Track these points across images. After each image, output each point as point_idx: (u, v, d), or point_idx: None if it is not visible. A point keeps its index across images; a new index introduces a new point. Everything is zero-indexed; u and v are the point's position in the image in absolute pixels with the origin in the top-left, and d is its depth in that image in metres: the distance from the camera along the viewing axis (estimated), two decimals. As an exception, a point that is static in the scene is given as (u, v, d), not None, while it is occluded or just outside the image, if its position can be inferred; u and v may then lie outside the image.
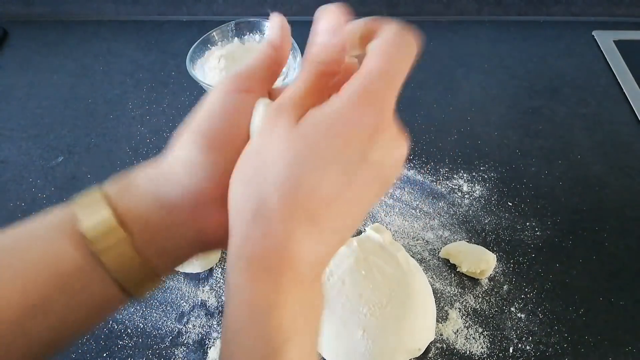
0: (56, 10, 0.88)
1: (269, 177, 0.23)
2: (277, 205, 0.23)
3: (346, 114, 0.23)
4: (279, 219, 0.23)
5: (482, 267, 0.55)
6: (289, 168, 0.23)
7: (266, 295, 0.23)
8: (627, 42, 0.86)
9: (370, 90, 0.24)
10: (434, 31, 0.89)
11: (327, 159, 0.23)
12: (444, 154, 0.69)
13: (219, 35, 0.76)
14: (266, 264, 0.23)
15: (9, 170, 0.66)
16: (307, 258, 0.24)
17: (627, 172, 0.68)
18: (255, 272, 0.24)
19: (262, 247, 0.23)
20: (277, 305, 0.23)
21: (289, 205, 0.23)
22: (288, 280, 0.23)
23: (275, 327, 0.23)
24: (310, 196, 0.23)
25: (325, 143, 0.23)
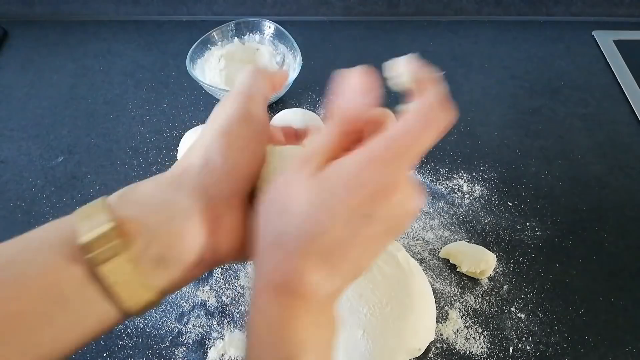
0: (56, 10, 0.88)
1: (289, 217, 0.26)
2: (294, 240, 0.25)
3: (357, 172, 0.25)
4: (294, 252, 0.25)
5: (482, 267, 0.55)
6: (306, 213, 0.25)
7: (281, 313, 0.26)
8: (627, 42, 0.86)
9: (389, 153, 0.25)
10: (434, 31, 0.89)
11: (335, 211, 0.25)
12: (444, 154, 0.69)
13: (219, 35, 0.76)
14: (282, 288, 0.26)
15: (9, 170, 0.66)
16: (317, 292, 0.26)
17: (627, 172, 0.68)
18: (273, 291, 0.26)
19: (280, 272, 0.26)
20: (290, 323, 0.26)
21: (304, 243, 0.25)
22: (299, 307, 0.26)
23: (290, 342, 0.26)
24: (321, 238, 0.25)
25: (335, 197, 0.25)
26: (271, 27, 0.77)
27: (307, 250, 0.25)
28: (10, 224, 0.61)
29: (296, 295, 0.26)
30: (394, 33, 0.88)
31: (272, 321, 0.26)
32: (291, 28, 0.76)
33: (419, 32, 0.89)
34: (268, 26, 0.77)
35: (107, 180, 0.64)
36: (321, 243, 0.25)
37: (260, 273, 0.27)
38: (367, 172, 0.25)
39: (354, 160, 0.26)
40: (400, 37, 0.87)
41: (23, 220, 0.61)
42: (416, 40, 0.87)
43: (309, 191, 0.26)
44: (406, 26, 0.89)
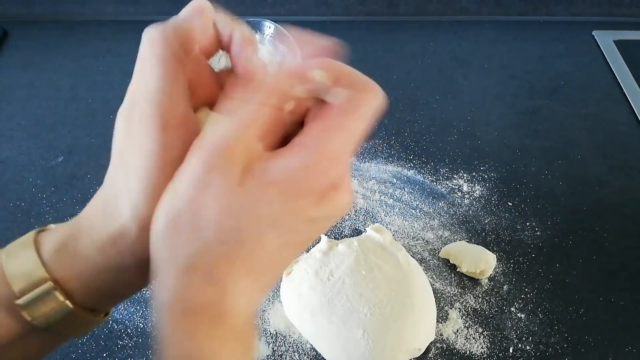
0: (56, 10, 0.88)
1: (209, 229, 0.22)
2: (217, 259, 0.22)
3: (299, 176, 0.22)
4: (219, 272, 0.22)
5: (482, 267, 0.55)
6: (232, 225, 0.22)
7: (203, 346, 0.22)
8: (627, 42, 0.86)
9: (329, 149, 0.22)
10: (434, 31, 0.89)
11: (273, 221, 0.22)
12: (444, 154, 0.69)
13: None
14: (203, 316, 0.22)
15: (9, 170, 0.66)
16: (244, 309, 0.23)
17: (627, 172, 0.68)
18: (192, 323, 0.22)
19: (201, 299, 0.22)
20: (213, 356, 0.22)
21: (230, 261, 0.22)
22: (225, 332, 0.23)
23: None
24: (251, 253, 0.22)
25: (274, 208, 0.22)
26: (271, 27, 0.77)
27: (232, 267, 0.22)
28: (10, 224, 0.61)
29: (220, 319, 0.23)
30: (394, 33, 0.88)
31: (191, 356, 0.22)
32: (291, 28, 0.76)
33: (419, 32, 0.88)
34: (268, 26, 0.77)
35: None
36: (248, 258, 0.22)
37: (170, 301, 0.23)
38: (310, 175, 0.22)
39: (287, 162, 0.22)
40: (400, 37, 0.87)
41: (23, 220, 0.61)
42: (416, 40, 0.87)
43: (232, 203, 0.22)
44: (406, 26, 0.89)
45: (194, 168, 0.22)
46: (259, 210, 0.22)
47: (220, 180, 0.21)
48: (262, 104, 0.23)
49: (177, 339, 0.23)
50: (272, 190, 0.22)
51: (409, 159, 0.68)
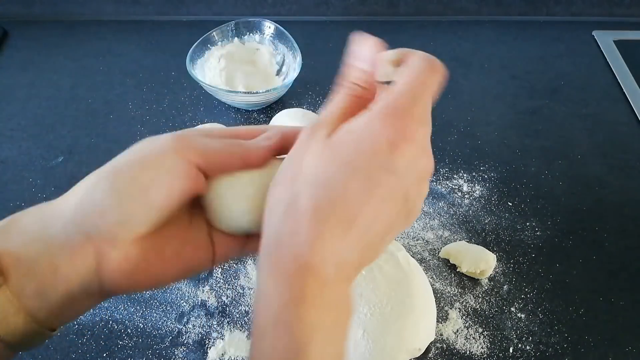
0: (56, 10, 0.88)
1: (303, 180, 0.25)
2: (307, 205, 0.25)
3: (370, 127, 0.26)
4: (307, 216, 0.24)
5: (482, 267, 0.55)
6: (321, 174, 0.25)
7: (291, 294, 0.24)
8: (627, 42, 0.86)
9: (393, 106, 0.26)
10: (434, 31, 0.89)
11: (353, 166, 0.25)
12: (444, 154, 0.69)
13: (219, 35, 0.76)
14: (292, 263, 0.24)
15: (9, 170, 0.66)
16: (332, 259, 0.25)
17: (627, 172, 0.68)
18: (283, 270, 0.25)
19: (290, 244, 0.25)
20: (302, 304, 0.24)
21: (317, 206, 0.25)
22: (313, 281, 0.24)
23: (300, 325, 0.24)
24: (337, 199, 0.25)
25: (352, 152, 0.25)
26: (271, 27, 0.77)
27: (320, 212, 0.24)
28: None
29: (308, 272, 0.24)
30: (394, 33, 0.88)
31: (280, 304, 0.24)
32: (291, 28, 0.76)
33: (419, 32, 0.88)
34: (268, 26, 0.77)
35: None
36: (335, 204, 0.24)
37: (267, 250, 0.26)
38: (379, 126, 0.25)
39: (361, 119, 0.26)
40: (400, 37, 0.87)
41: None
42: (416, 40, 0.87)
43: (322, 153, 0.26)
44: (406, 26, 0.89)
45: (300, 139, 0.28)
46: (341, 156, 0.25)
47: (314, 141, 0.26)
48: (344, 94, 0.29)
49: (269, 286, 0.25)
50: (349, 141, 0.26)
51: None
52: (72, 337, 0.51)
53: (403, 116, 0.26)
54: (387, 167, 0.25)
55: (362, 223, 0.25)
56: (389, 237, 0.27)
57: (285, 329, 0.24)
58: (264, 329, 0.25)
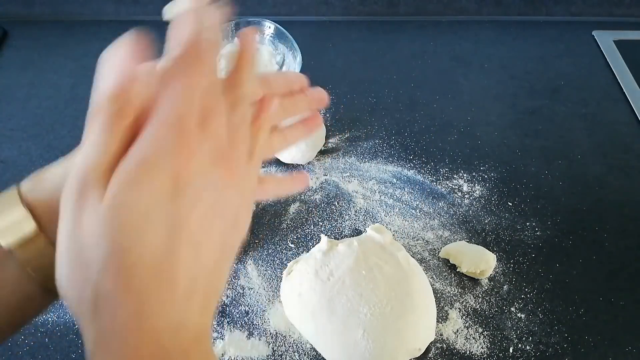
0: (56, 10, 0.88)
1: (93, 261, 0.22)
2: (111, 287, 0.21)
3: (139, 177, 0.22)
4: (119, 300, 0.21)
5: (482, 267, 0.55)
6: (109, 245, 0.21)
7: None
8: (627, 42, 0.86)
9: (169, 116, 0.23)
10: (434, 31, 0.89)
11: (142, 224, 0.22)
12: (444, 154, 0.69)
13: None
14: (126, 353, 0.21)
15: (9, 170, 0.66)
16: (165, 327, 0.22)
17: (627, 172, 0.68)
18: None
19: (117, 338, 0.22)
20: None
21: (122, 283, 0.21)
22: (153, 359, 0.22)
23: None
24: (138, 264, 0.21)
25: (134, 209, 0.21)
26: (271, 27, 0.77)
27: (128, 288, 0.21)
28: (10, 224, 0.60)
29: (143, 348, 0.22)
30: (394, 33, 0.88)
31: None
32: (291, 28, 0.76)
33: (419, 32, 0.88)
34: (268, 26, 0.77)
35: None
36: (138, 271, 0.21)
37: (94, 349, 0.22)
38: (142, 178, 0.22)
39: (125, 170, 0.22)
40: (400, 37, 0.87)
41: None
42: (416, 40, 0.87)
43: (98, 226, 0.21)
44: (406, 26, 0.89)
45: (65, 209, 0.23)
46: (125, 219, 0.21)
47: (87, 208, 0.22)
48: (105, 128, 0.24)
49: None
50: (128, 197, 0.22)
51: (409, 159, 0.68)
52: (72, 337, 0.51)
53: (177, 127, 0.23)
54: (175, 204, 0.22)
55: (182, 277, 0.22)
56: (227, 256, 0.25)
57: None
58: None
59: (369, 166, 0.67)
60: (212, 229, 0.24)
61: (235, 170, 0.25)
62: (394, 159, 0.68)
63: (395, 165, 0.67)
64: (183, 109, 0.23)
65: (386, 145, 0.69)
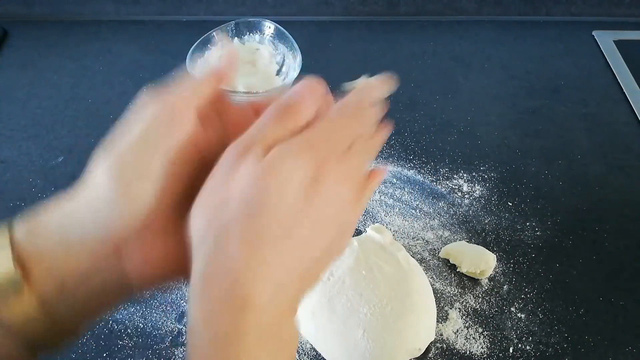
0: (56, 10, 0.88)
1: (234, 206, 0.24)
2: (239, 231, 0.24)
3: (299, 153, 0.25)
4: (241, 245, 0.23)
5: (482, 267, 0.55)
6: (254, 193, 0.24)
7: (225, 328, 0.23)
8: (627, 42, 0.86)
9: (309, 140, 0.26)
10: (434, 31, 0.89)
11: (285, 189, 0.24)
12: (444, 154, 0.69)
13: (219, 35, 0.76)
14: (225, 293, 0.23)
15: (9, 170, 0.66)
16: (267, 288, 0.23)
17: (627, 172, 0.68)
18: (215, 303, 0.23)
19: (223, 274, 0.23)
20: (236, 339, 0.23)
21: (251, 231, 0.24)
22: (248, 312, 0.23)
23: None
24: (273, 224, 0.24)
25: (284, 174, 0.24)
26: (271, 27, 0.77)
27: (258, 240, 0.23)
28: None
29: (241, 297, 0.23)
30: (394, 33, 0.88)
31: (214, 338, 0.23)
32: (291, 28, 0.76)
33: (419, 32, 0.88)
34: (268, 26, 0.77)
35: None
36: (272, 229, 0.24)
37: (198, 281, 0.24)
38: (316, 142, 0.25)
39: (298, 140, 0.25)
40: (400, 37, 0.87)
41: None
42: (416, 40, 0.87)
43: (251, 176, 0.24)
44: (406, 26, 0.89)
45: (225, 158, 0.26)
46: (266, 179, 0.24)
47: (238, 165, 0.25)
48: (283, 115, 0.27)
49: (202, 320, 0.24)
50: (274, 162, 0.24)
51: (409, 159, 0.68)
52: (72, 337, 0.51)
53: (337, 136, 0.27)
54: (310, 194, 0.25)
55: (297, 247, 0.25)
56: (325, 261, 0.27)
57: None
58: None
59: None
60: (325, 229, 0.26)
61: (355, 194, 0.28)
62: (394, 159, 0.68)
63: (395, 165, 0.67)
64: (347, 128, 0.28)
65: (386, 145, 0.69)
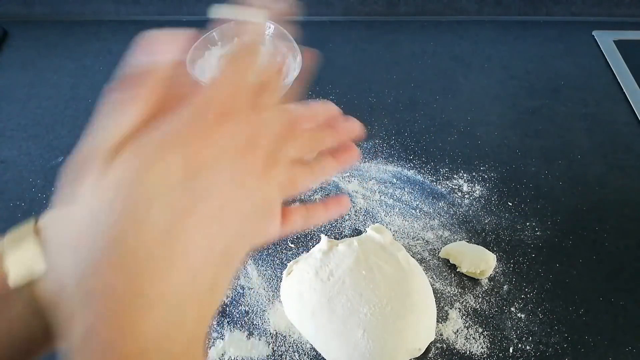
0: (56, 10, 0.88)
1: (90, 241, 0.21)
2: (107, 272, 0.20)
3: (152, 155, 0.21)
4: (114, 287, 0.20)
5: (482, 267, 0.55)
6: (109, 223, 0.20)
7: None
8: (627, 42, 0.86)
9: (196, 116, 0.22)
10: (434, 31, 0.89)
11: (147, 205, 0.20)
12: (444, 154, 0.69)
13: (219, 35, 0.76)
14: (113, 349, 0.20)
15: (9, 170, 0.66)
16: (155, 326, 0.20)
17: (627, 172, 0.68)
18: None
19: (105, 332, 0.20)
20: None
21: (119, 268, 0.20)
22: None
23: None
24: (136, 249, 0.20)
25: (141, 188, 0.20)
26: (271, 27, 0.77)
27: (136, 269, 0.20)
28: (10, 224, 0.60)
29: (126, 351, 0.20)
30: (394, 33, 0.88)
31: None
32: (291, 28, 0.76)
33: (419, 32, 0.88)
34: (268, 26, 0.77)
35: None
36: (147, 247, 0.20)
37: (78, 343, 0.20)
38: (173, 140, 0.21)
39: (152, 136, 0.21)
40: (400, 37, 0.87)
41: (23, 221, 0.61)
42: (416, 40, 0.87)
43: (105, 199, 0.20)
44: (406, 26, 0.89)
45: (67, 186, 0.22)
46: (113, 196, 0.21)
47: (82, 189, 0.22)
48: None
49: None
50: (123, 171, 0.21)
51: (409, 159, 0.68)
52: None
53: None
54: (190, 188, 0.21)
55: (180, 267, 0.21)
56: (223, 268, 0.23)
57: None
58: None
59: (369, 166, 0.67)
60: (216, 229, 0.22)
61: (249, 175, 0.23)
62: (394, 159, 0.68)
63: (395, 165, 0.67)
64: (206, 101, 0.22)
65: (386, 145, 0.69)
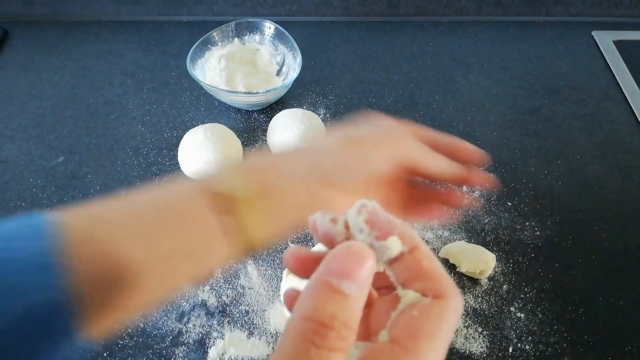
0: (57, 10, 0.88)
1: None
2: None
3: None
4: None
5: (482, 267, 0.55)
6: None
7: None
8: (627, 42, 0.86)
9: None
10: (434, 31, 0.89)
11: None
12: (443, 154, 0.69)
13: (219, 35, 0.76)
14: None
15: (9, 170, 0.66)
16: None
17: (626, 172, 0.68)
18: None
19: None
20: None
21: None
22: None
23: None
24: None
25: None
26: (271, 27, 0.77)
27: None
28: (10, 224, 0.60)
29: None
30: (394, 33, 0.88)
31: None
32: (291, 28, 0.76)
33: (419, 32, 0.89)
34: (268, 26, 0.77)
35: (108, 181, 0.64)
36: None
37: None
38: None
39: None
40: (400, 37, 0.87)
41: (23, 220, 0.61)
42: (416, 41, 0.87)
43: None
44: (406, 26, 0.89)
45: None
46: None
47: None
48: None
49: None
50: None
51: (408, 159, 0.68)
52: (72, 336, 0.51)
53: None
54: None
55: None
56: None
57: None
58: None
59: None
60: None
61: None
62: (393, 159, 0.68)
63: (395, 165, 0.67)
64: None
65: (386, 145, 0.69)
